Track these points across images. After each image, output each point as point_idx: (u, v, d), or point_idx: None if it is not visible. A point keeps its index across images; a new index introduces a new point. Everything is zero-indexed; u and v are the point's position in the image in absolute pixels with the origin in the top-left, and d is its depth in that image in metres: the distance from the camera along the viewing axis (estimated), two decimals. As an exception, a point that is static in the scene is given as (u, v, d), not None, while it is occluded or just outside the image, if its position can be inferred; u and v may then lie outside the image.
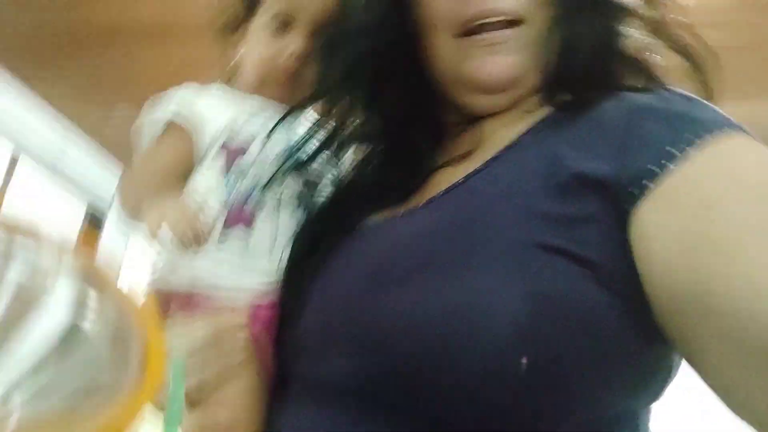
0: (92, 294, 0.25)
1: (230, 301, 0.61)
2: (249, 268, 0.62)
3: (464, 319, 0.42)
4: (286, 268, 0.61)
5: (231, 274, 0.62)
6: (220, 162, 0.66)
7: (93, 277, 0.25)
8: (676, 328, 0.42)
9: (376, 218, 0.58)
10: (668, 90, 0.52)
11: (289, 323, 0.57)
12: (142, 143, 0.71)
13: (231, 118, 0.68)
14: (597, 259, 0.43)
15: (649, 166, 0.43)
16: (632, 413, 0.49)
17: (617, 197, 0.44)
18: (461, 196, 0.51)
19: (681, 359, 0.51)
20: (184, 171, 0.68)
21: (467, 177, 0.52)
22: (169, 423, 0.32)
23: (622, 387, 0.46)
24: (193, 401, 0.55)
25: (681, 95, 0.50)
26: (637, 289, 0.43)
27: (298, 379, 0.55)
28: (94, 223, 3.53)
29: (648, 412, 0.52)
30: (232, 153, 0.66)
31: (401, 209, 0.56)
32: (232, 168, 0.65)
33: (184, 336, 0.57)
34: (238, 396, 0.57)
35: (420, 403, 0.44)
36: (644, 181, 0.42)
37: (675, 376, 0.50)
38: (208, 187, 0.65)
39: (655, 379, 0.48)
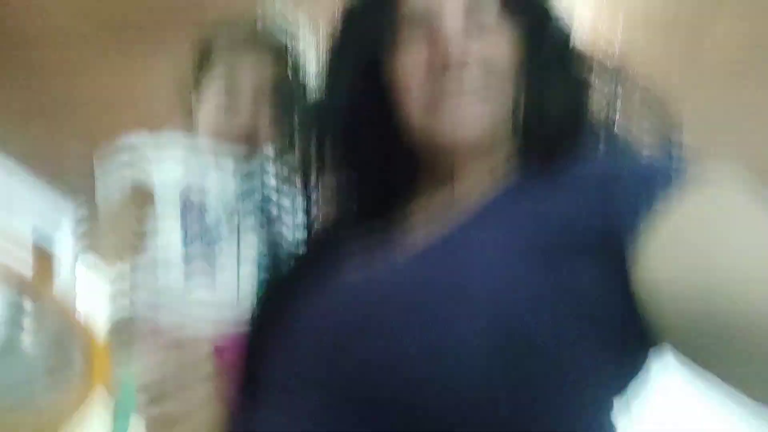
0: (28, 305, 0.20)
1: (196, 333, 0.62)
2: (214, 305, 0.63)
3: (443, 368, 0.43)
4: (258, 309, 0.62)
5: (197, 310, 0.62)
6: (177, 214, 0.67)
7: (28, 289, 0.20)
8: (690, 353, 0.44)
9: (353, 264, 0.57)
10: (633, 144, 0.55)
11: (260, 362, 0.56)
12: (103, 202, 0.73)
13: (185, 170, 0.70)
14: (582, 297, 0.45)
15: (640, 215, 0.44)
16: (600, 413, 0.49)
17: (609, 249, 0.45)
18: (440, 255, 0.51)
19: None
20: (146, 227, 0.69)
21: (446, 235, 0.52)
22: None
23: (593, 401, 0.48)
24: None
25: (647, 149, 0.53)
26: (625, 328, 0.45)
27: (266, 416, 0.54)
28: (43, 257, 3.50)
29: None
30: (189, 203, 0.68)
31: (380, 260, 0.55)
32: (189, 217, 0.67)
33: (145, 366, 0.58)
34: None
35: None
36: (638, 229, 0.44)
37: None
38: (167, 241, 0.66)
39: (622, 390, 0.50)
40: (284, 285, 0.60)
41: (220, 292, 0.64)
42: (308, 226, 0.70)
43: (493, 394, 0.43)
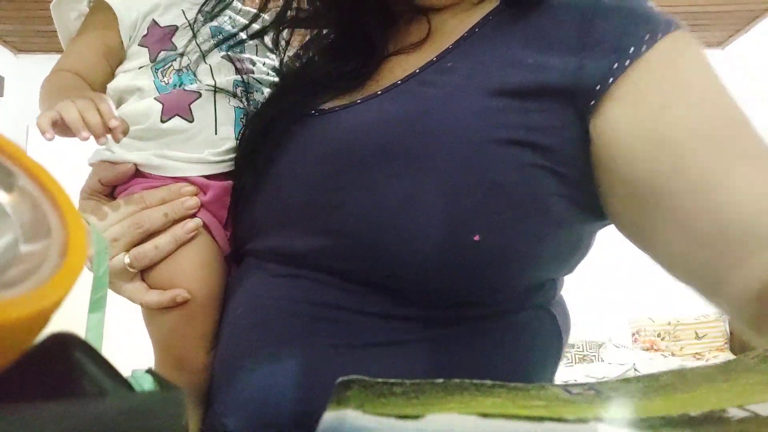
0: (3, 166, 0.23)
1: (177, 172, 0.60)
2: (193, 159, 0.60)
3: (420, 207, 0.44)
4: (239, 151, 0.61)
5: (175, 164, 0.60)
6: (144, 56, 0.63)
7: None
8: (630, 210, 0.47)
9: (332, 104, 0.56)
10: None
11: (245, 203, 0.58)
12: (63, 27, 0.67)
13: (153, 4, 0.64)
14: (553, 145, 0.46)
15: (612, 64, 0.45)
16: (553, 281, 0.54)
17: (579, 93, 0.46)
18: (417, 88, 0.51)
19: (594, 239, 0.55)
20: (112, 62, 0.64)
21: (423, 68, 0.52)
22: (95, 289, 0.31)
23: (554, 260, 0.51)
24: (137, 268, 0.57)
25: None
26: (585, 174, 0.47)
27: (253, 254, 0.56)
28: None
29: (563, 280, 0.57)
30: (156, 44, 0.62)
31: (358, 95, 0.55)
32: (159, 60, 0.62)
33: (128, 206, 0.57)
34: (193, 269, 0.58)
35: (377, 275, 0.47)
36: (608, 79, 0.45)
37: (588, 252, 0.55)
38: (133, 83, 0.62)
39: (578, 253, 0.53)
40: (262, 125, 0.59)
41: (197, 129, 0.60)
42: (281, 68, 0.69)
43: (460, 242, 0.44)
